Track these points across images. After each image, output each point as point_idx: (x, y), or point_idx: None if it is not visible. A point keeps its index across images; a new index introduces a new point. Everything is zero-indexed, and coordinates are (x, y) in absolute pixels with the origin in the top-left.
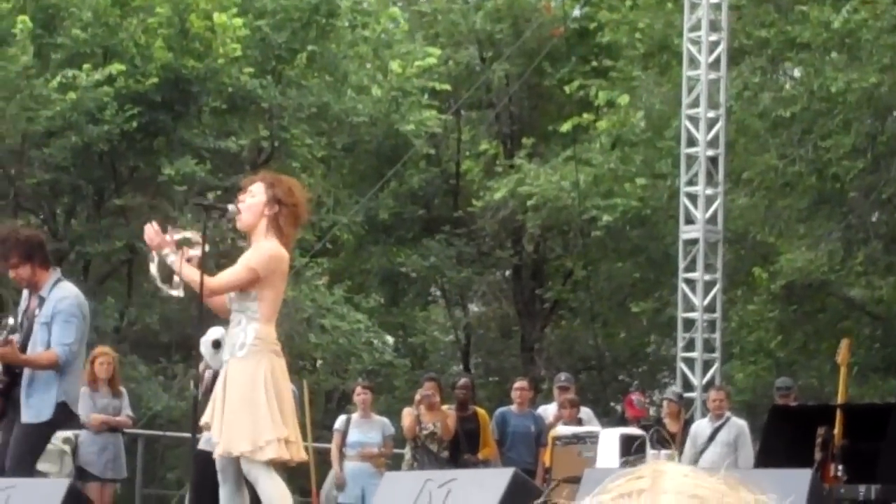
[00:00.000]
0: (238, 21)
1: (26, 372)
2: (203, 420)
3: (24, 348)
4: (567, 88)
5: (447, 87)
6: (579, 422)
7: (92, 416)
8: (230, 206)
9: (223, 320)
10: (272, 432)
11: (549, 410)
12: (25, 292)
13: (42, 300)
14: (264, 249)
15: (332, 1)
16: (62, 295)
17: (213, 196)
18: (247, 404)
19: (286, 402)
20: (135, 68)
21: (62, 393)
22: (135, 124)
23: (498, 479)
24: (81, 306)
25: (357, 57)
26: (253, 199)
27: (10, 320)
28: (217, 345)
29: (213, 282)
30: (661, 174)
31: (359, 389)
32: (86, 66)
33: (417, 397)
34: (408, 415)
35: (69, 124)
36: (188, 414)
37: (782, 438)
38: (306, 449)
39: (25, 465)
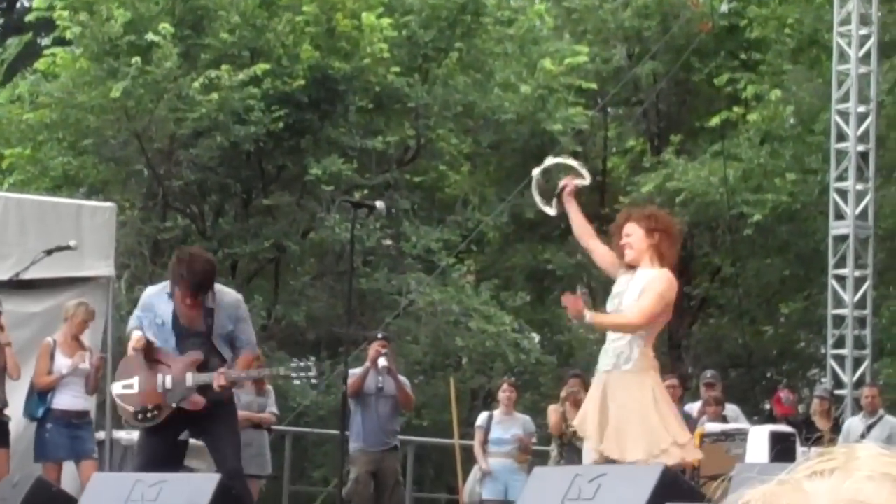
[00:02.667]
0: (385, 21)
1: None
2: (575, 422)
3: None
4: (716, 81)
5: (593, 85)
6: (724, 419)
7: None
8: (378, 203)
9: None
10: (667, 439)
11: (694, 408)
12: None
13: (211, 311)
14: (664, 277)
15: (479, 0)
16: (231, 300)
17: (359, 195)
18: (638, 415)
19: (673, 409)
20: (281, 68)
21: None
22: (281, 125)
23: (648, 475)
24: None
25: (503, 55)
26: (631, 237)
27: None
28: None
29: (633, 319)
30: (810, 169)
31: (505, 386)
32: (225, 66)
33: (563, 394)
34: (553, 412)
35: (216, 125)
36: (336, 411)
37: None
38: (452, 447)
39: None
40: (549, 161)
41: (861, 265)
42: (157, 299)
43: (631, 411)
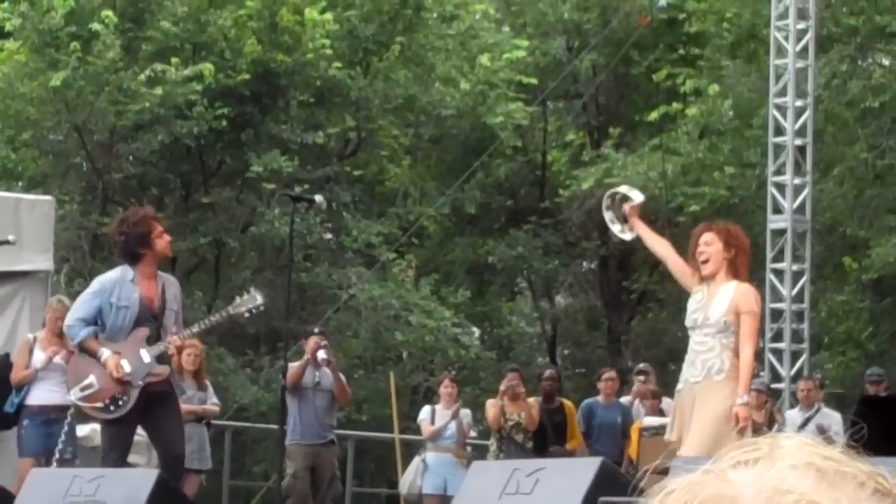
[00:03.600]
0: (328, 16)
1: None
2: (672, 437)
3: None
4: (654, 77)
5: (534, 80)
6: (661, 412)
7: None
8: (317, 197)
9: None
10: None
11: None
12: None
13: None
14: (749, 292)
15: None
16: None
17: (299, 189)
18: (725, 425)
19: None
20: (224, 62)
21: None
22: (224, 123)
23: (586, 468)
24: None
25: (444, 49)
26: (710, 248)
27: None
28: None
29: (750, 354)
30: (749, 163)
31: (447, 382)
32: (174, 60)
33: (502, 388)
34: (492, 406)
35: (157, 119)
36: (275, 406)
37: (872, 428)
38: (393, 441)
39: None
40: (606, 200)
41: (799, 259)
42: (120, 284)
43: (716, 416)
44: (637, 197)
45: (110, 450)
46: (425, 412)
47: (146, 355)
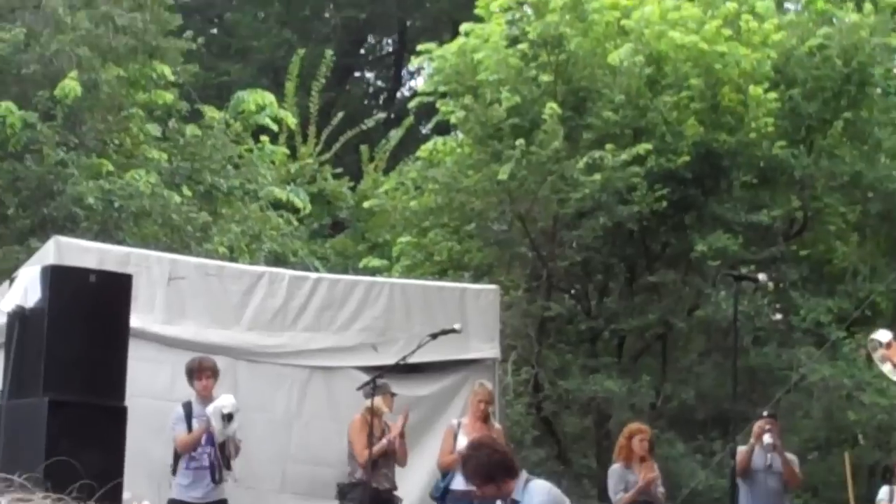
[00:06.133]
0: (772, 95)
1: None
2: None
3: None
4: None
5: None
6: None
7: (620, 496)
8: (761, 276)
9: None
10: None
11: None
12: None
13: (516, 502)
14: None
15: (865, 70)
16: (529, 501)
17: (745, 270)
18: None
19: None
20: (665, 145)
21: None
22: (664, 203)
23: None
24: None
25: (891, 123)
26: None
27: None
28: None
29: None
30: None
31: None
32: (609, 146)
33: None
34: None
35: (599, 204)
36: (727, 491)
37: None
38: None
39: None
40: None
41: None
42: None
43: None
44: (884, 336)
45: None
46: (883, 493)
47: None
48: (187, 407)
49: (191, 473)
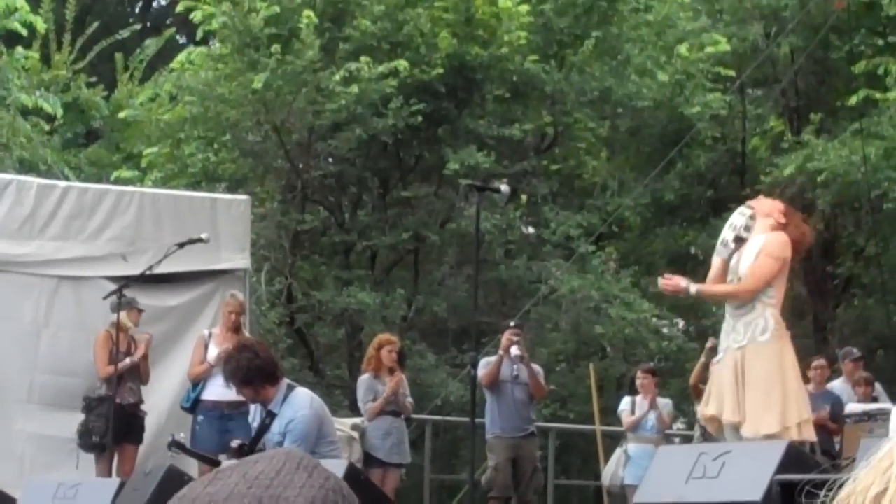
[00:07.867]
0: (523, 7)
1: None
2: (708, 412)
3: None
4: (854, 69)
5: (732, 72)
6: (874, 399)
7: (369, 405)
8: (502, 186)
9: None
10: (800, 413)
11: (840, 388)
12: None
13: (273, 416)
14: (778, 238)
15: None
16: (291, 415)
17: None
18: (777, 386)
19: (801, 383)
20: (419, 57)
21: None
22: (420, 118)
23: (773, 451)
24: (313, 420)
25: (640, 40)
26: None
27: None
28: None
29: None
30: None
31: (640, 374)
32: (364, 58)
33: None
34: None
35: (354, 117)
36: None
37: None
38: (594, 433)
39: None
40: None
41: None
42: None
43: (771, 383)
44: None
45: None
46: (625, 403)
47: None
48: None
49: None
